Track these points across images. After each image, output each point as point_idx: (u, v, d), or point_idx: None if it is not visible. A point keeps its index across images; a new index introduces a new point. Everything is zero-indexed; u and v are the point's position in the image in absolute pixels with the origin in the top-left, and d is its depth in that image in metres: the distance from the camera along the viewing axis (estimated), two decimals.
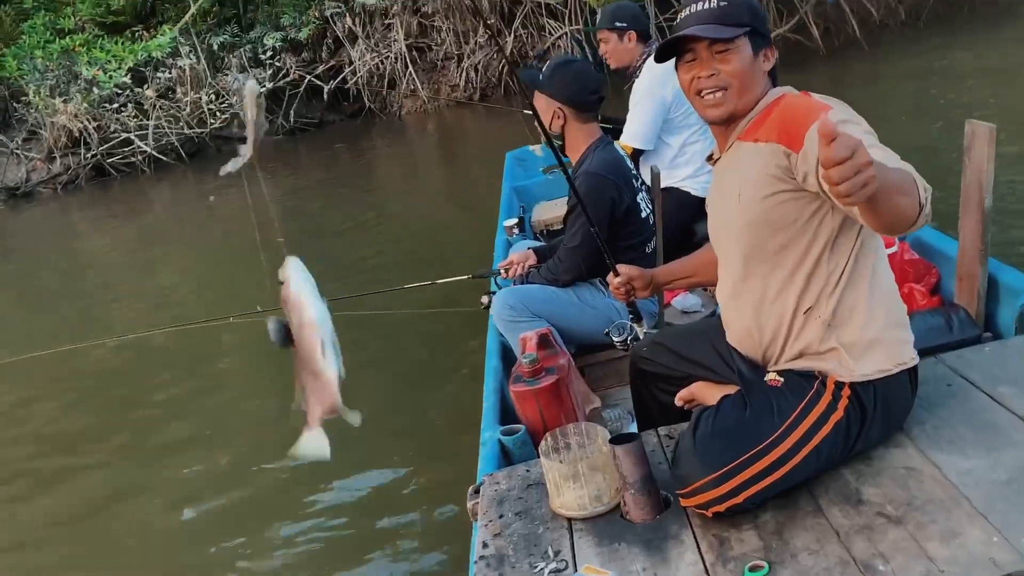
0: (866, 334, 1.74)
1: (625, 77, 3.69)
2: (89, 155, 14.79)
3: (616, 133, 3.43)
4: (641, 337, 2.41)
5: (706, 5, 1.81)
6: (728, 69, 1.79)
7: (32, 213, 13.80)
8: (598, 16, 3.77)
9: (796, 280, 1.75)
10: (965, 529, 1.45)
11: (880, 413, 1.74)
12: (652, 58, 2.11)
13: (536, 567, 1.64)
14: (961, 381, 1.95)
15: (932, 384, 1.93)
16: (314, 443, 1.48)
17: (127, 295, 7.57)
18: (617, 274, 2.27)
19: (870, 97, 7.63)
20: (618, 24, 3.58)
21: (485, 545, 1.75)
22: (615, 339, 2.44)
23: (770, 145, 1.69)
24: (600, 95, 2.85)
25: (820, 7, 11.76)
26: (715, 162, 1.96)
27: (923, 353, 1.85)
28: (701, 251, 2.30)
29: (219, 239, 9.23)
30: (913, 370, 1.81)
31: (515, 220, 4.17)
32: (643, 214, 2.87)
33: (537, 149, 5.41)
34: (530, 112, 2.84)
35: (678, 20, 1.87)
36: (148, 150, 14.54)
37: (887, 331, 1.76)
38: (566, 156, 2.97)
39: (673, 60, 1.89)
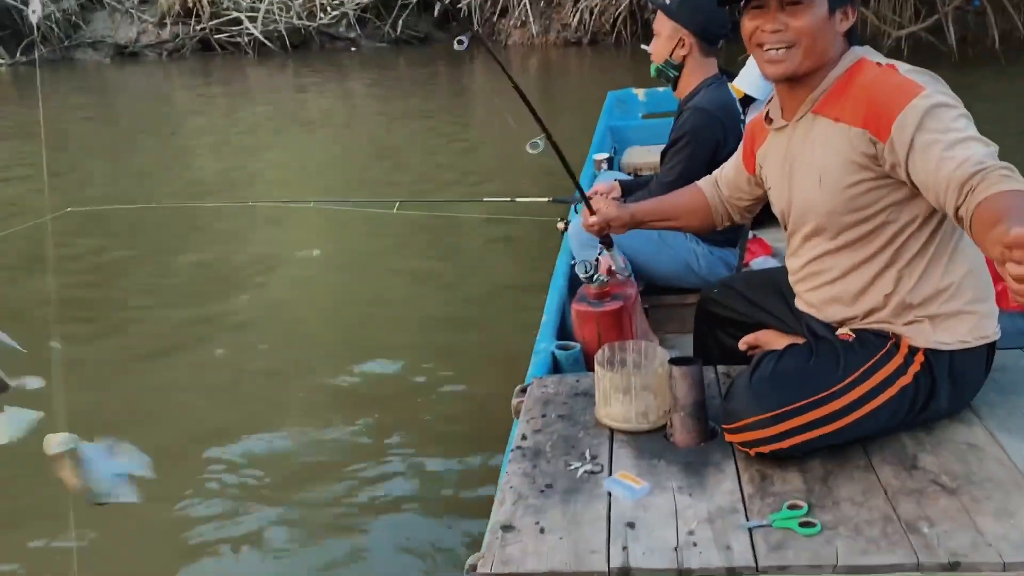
0: (948, 308, 1.65)
1: None
2: (198, 27, 15.11)
3: (729, 78, 3.32)
4: (605, 275, 2.32)
5: None
6: (797, 25, 1.61)
7: (135, 72, 14.16)
8: None
9: (877, 262, 1.66)
10: (1022, 511, 1.39)
11: (950, 385, 1.66)
12: None
13: (571, 465, 1.64)
14: None
15: (1011, 373, 1.84)
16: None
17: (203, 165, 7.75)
18: (593, 212, 2.16)
19: (996, 114, 7.20)
20: None
21: (524, 437, 1.76)
22: (580, 275, 2.34)
23: (855, 130, 1.58)
24: (727, 30, 2.74)
25: (961, 12, 11.15)
26: (775, 127, 1.81)
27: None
28: (685, 193, 2.18)
29: (309, 127, 9.37)
30: (992, 345, 1.71)
31: (605, 155, 4.09)
32: None
33: (641, 93, 5.28)
34: (647, 48, 2.77)
35: None
36: (256, 33, 14.75)
37: (970, 305, 1.66)
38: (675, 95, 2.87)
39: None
